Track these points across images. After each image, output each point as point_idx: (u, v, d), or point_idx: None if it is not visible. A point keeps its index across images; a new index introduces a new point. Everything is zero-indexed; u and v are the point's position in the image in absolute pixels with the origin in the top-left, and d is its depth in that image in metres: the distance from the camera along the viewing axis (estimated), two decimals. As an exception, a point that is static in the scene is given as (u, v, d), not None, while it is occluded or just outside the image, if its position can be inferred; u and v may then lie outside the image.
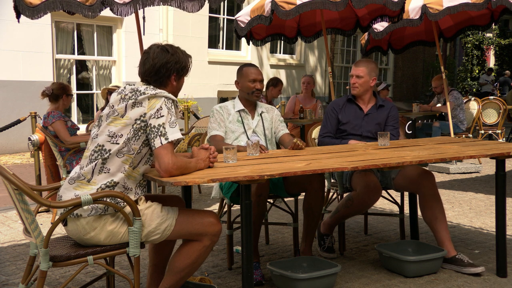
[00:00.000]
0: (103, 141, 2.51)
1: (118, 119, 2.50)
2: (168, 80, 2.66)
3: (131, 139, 2.49)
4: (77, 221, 2.44)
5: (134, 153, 2.50)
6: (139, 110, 2.49)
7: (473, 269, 3.35)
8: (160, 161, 2.47)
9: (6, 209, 5.36)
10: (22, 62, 9.56)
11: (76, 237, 2.49)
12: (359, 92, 3.94)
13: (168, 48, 2.66)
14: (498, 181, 3.35)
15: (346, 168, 2.85)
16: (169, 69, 2.64)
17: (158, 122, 2.48)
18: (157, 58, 2.62)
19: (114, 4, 4.58)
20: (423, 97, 17.79)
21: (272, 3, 5.53)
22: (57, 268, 3.45)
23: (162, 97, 2.52)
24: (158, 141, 2.47)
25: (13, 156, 9.32)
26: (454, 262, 3.42)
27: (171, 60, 2.63)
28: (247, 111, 3.70)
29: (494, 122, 9.14)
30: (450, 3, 6.55)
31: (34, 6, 4.63)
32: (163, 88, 2.65)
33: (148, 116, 2.48)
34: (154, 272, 2.95)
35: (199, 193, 6.11)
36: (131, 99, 2.51)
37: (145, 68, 2.65)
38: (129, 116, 2.49)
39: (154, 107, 2.49)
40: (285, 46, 14.23)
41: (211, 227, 2.62)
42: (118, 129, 2.49)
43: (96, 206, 2.43)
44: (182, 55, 2.69)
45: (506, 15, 7.51)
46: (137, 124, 2.49)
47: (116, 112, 2.52)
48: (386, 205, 5.15)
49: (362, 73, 3.91)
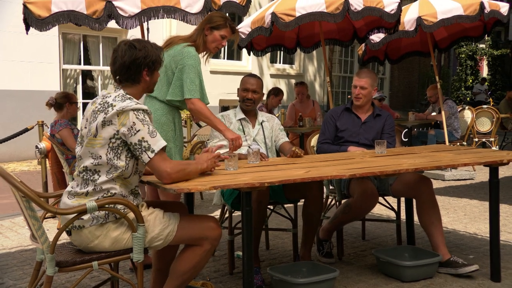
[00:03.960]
0: (88, 163, 2.43)
1: (93, 140, 2.42)
2: (140, 76, 2.54)
3: (112, 158, 2.41)
4: (80, 231, 2.42)
5: (122, 170, 2.44)
6: (110, 129, 2.39)
7: (467, 268, 3.34)
8: (157, 172, 2.44)
9: (13, 215, 5.35)
10: (30, 72, 9.58)
11: (81, 246, 2.47)
12: (362, 102, 3.93)
13: (135, 44, 2.52)
14: (492, 188, 3.35)
15: (344, 176, 2.85)
16: (139, 65, 2.50)
17: (137, 138, 2.39)
18: (126, 55, 2.49)
19: (120, 17, 4.61)
20: (419, 106, 17.80)
21: (272, 15, 5.55)
22: (63, 273, 3.42)
23: (130, 110, 2.39)
24: (145, 156, 2.40)
25: (21, 163, 9.33)
26: (449, 264, 3.42)
27: (140, 55, 2.49)
28: (248, 119, 3.70)
29: (487, 130, 9.14)
30: (444, 15, 6.59)
31: (43, 18, 4.67)
32: (136, 84, 2.55)
33: (122, 133, 2.39)
34: (158, 277, 2.94)
35: (201, 200, 6.10)
36: (100, 114, 2.41)
37: (115, 67, 2.53)
38: (102, 136, 2.40)
39: (125, 123, 2.38)
40: (284, 56, 14.26)
41: (212, 232, 2.61)
42: (96, 150, 2.41)
43: (97, 215, 2.40)
44: (151, 49, 2.54)
45: (498, 27, 7.53)
46: (113, 142, 2.40)
47: (90, 132, 2.43)
48: (383, 211, 5.13)
49: (366, 84, 3.89)
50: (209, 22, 3.35)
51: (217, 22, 3.34)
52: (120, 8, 4.59)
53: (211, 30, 3.35)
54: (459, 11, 6.58)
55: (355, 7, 5.43)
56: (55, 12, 4.62)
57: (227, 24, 3.36)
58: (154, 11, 4.65)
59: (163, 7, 4.66)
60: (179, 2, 4.67)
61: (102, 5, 4.58)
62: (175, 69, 3.23)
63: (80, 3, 4.60)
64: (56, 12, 4.62)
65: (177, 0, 4.67)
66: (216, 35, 3.35)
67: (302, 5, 5.51)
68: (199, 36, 3.34)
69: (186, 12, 4.68)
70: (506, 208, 5.40)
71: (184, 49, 3.24)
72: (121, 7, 4.59)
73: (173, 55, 3.25)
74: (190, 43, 3.30)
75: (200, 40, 3.33)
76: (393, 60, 8.56)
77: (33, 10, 4.68)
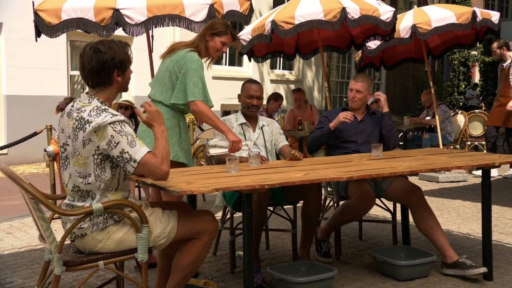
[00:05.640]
0: (78, 182, 2.37)
1: (80, 159, 2.34)
2: (111, 79, 2.42)
3: (100, 175, 2.35)
4: (83, 239, 2.41)
5: (110, 181, 2.38)
6: (90, 146, 2.31)
7: (476, 270, 3.26)
8: (150, 174, 2.35)
9: (22, 215, 5.34)
10: (39, 78, 9.59)
11: (86, 251, 2.44)
12: (357, 105, 3.94)
13: (100, 47, 2.38)
14: (484, 189, 3.34)
15: (342, 178, 2.84)
16: (108, 68, 2.38)
17: (118, 151, 2.29)
18: (93, 60, 2.37)
19: (127, 24, 4.62)
20: (414, 111, 17.78)
21: (272, 23, 5.55)
22: (70, 272, 3.42)
23: (107, 125, 2.28)
24: (129, 167, 2.30)
25: (30, 166, 9.33)
26: (457, 266, 3.34)
27: (107, 58, 2.37)
28: (248, 124, 3.70)
29: (479, 134, 9.13)
30: (438, 24, 6.60)
31: (53, 25, 4.69)
32: (109, 87, 2.43)
33: (103, 149, 2.30)
34: (162, 276, 2.94)
35: (203, 201, 6.09)
36: (79, 133, 2.32)
37: (85, 74, 2.41)
38: (85, 155, 2.33)
39: (104, 137, 2.29)
40: (284, 63, 14.26)
41: (209, 224, 2.64)
42: (83, 170, 2.35)
43: (96, 221, 2.38)
44: (117, 49, 2.41)
45: (490, 35, 7.52)
46: (95, 158, 2.34)
47: (76, 151, 2.35)
48: (380, 212, 5.12)
49: (362, 88, 3.90)
50: (211, 29, 3.35)
51: (219, 29, 3.34)
52: (127, 16, 4.61)
53: (213, 36, 3.35)
54: (452, 19, 6.60)
55: (352, 15, 5.44)
56: (65, 20, 4.64)
57: (228, 31, 3.36)
58: (160, 19, 4.67)
59: (168, 16, 4.67)
60: (184, 10, 4.68)
61: (110, 13, 4.60)
62: (178, 73, 3.23)
63: (89, 11, 4.62)
64: (65, 20, 4.64)
65: (182, 9, 4.68)
66: (217, 41, 3.35)
67: (301, 13, 5.51)
68: (201, 42, 3.33)
69: (191, 20, 4.69)
70: (498, 209, 5.39)
71: (187, 54, 3.24)
72: (128, 15, 4.61)
73: (176, 60, 3.25)
74: (193, 48, 3.30)
75: (202, 45, 3.33)
76: (389, 66, 8.56)
77: (44, 17, 4.70)
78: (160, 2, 4.67)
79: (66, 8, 4.63)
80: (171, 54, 3.30)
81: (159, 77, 3.32)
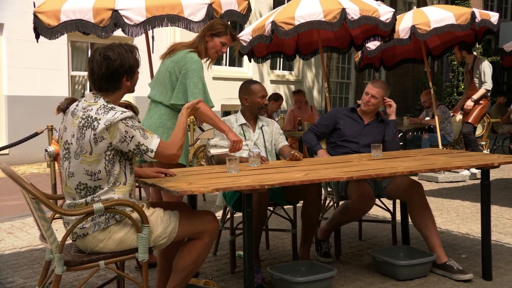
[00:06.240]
0: (85, 179, 2.38)
1: (88, 157, 2.35)
2: (121, 84, 2.46)
3: (111, 170, 2.39)
4: (84, 238, 2.41)
5: (118, 174, 2.41)
6: (103, 144, 2.34)
7: (462, 275, 3.30)
8: (163, 158, 2.51)
9: (23, 215, 5.34)
10: (40, 78, 9.59)
11: (87, 251, 2.44)
12: (370, 110, 3.95)
13: (109, 54, 2.41)
14: (483, 189, 3.34)
15: (342, 178, 2.84)
16: (118, 75, 2.42)
17: (134, 144, 2.38)
18: (103, 67, 2.40)
19: (125, 25, 4.61)
20: (413, 111, 17.78)
21: (272, 24, 5.55)
22: (71, 272, 3.42)
23: (119, 121, 2.33)
24: (147, 157, 2.43)
25: (31, 166, 9.33)
26: (445, 268, 3.38)
27: (116, 65, 2.40)
28: (249, 124, 3.70)
29: (479, 134, 9.12)
30: (437, 24, 6.60)
31: (52, 27, 4.67)
32: (118, 91, 2.47)
33: (116, 145, 2.35)
34: (162, 276, 2.94)
35: (204, 201, 6.09)
36: (87, 130, 2.34)
37: (94, 79, 2.44)
38: (97, 152, 2.34)
39: (116, 135, 2.34)
40: (284, 63, 14.26)
41: (210, 224, 2.64)
42: (93, 167, 2.36)
43: (98, 221, 2.38)
44: (126, 54, 2.44)
45: (489, 35, 7.53)
46: (108, 155, 2.37)
47: (84, 149, 2.35)
48: (379, 212, 5.12)
49: (378, 94, 3.91)
50: (210, 29, 3.35)
51: (218, 29, 3.34)
52: (126, 17, 4.60)
53: (212, 37, 3.35)
54: (451, 20, 6.60)
55: (352, 16, 5.44)
56: (64, 21, 4.62)
57: (227, 31, 3.36)
58: (159, 19, 4.66)
59: (167, 16, 4.66)
60: (182, 10, 4.67)
61: (108, 14, 4.58)
62: (178, 74, 3.23)
63: (87, 12, 4.61)
64: (64, 21, 4.62)
65: (181, 9, 4.67)
66: (216, 41, 3.35)
67: (301, 14, 5.51)
68: (201, 43, 3.33)
69: (189, 20, 4.69)
70: (497, 209, 5.39)
71: (187, 55, 3.23)
72: (127, 15, 4.60)
73: (176, 61, 3.24)
74: (193, 49, 3.30)
75: (202, 46, 3.33)
76: (388, 67, 8.57)
77: (43, 19, 4.69)
78: (158, 3, 4.67)
79: (65, 10, 4.63)
80: (171, 55, 3.30)
81: (159, 77, 3.32)
